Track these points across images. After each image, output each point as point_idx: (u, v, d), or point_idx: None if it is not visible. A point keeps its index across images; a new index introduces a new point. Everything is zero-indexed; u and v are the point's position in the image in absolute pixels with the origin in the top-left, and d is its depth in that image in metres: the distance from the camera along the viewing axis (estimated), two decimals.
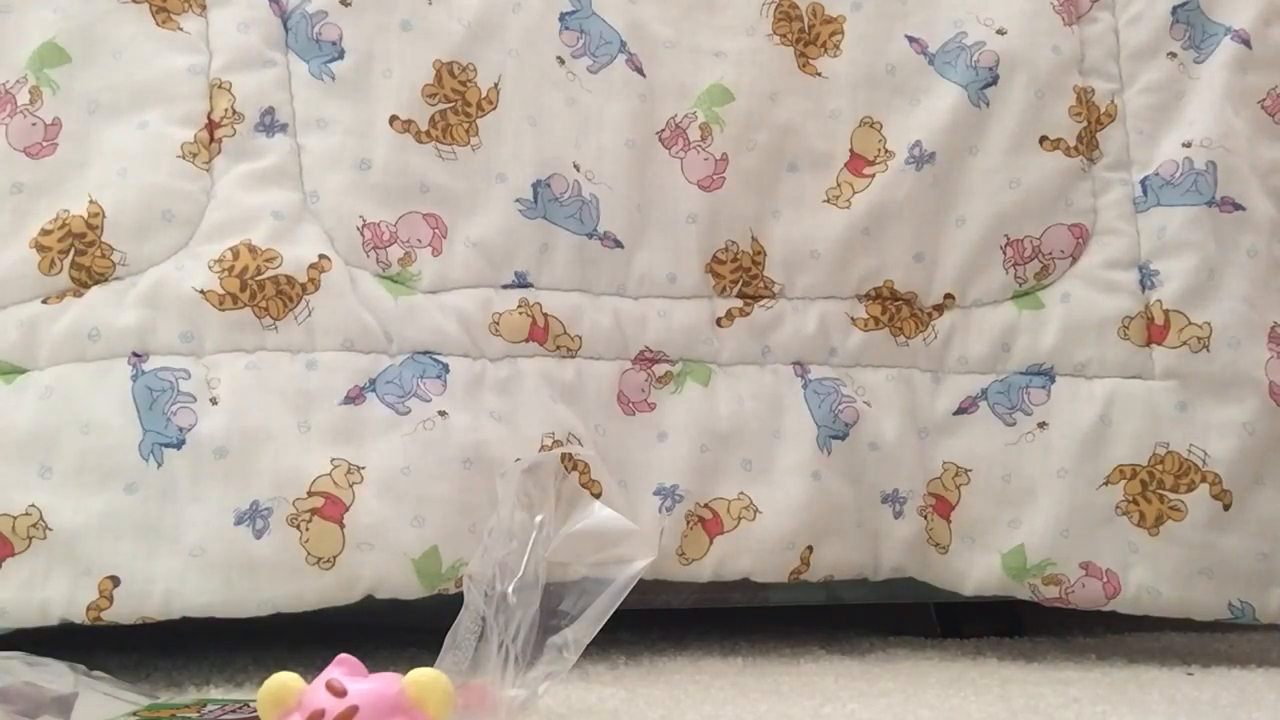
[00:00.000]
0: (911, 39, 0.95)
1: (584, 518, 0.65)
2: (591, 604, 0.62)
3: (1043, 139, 0.93)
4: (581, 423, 0.85)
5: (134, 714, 0.62)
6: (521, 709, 0.60)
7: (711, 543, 0.87)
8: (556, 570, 0.63)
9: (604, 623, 0.62)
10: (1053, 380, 0.91)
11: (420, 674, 0.54)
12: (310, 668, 0.57)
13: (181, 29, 0.84)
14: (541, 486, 0.65)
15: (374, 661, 0.57)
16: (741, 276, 0.91)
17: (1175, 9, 0.95)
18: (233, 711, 0.62)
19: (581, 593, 0.63)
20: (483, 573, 0.62)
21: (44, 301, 0.79)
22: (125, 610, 0.75)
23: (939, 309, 0.93)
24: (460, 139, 0.87)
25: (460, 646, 0.61)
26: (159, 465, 0.76)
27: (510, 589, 0.61)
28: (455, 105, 0.87)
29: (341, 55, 0.86)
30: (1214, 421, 0.88)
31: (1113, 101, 0.95)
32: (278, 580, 0.76)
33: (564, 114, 0.89)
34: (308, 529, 0.76)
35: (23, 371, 0.79)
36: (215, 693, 0.74)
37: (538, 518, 0.64)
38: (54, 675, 0.62)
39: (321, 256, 0.82)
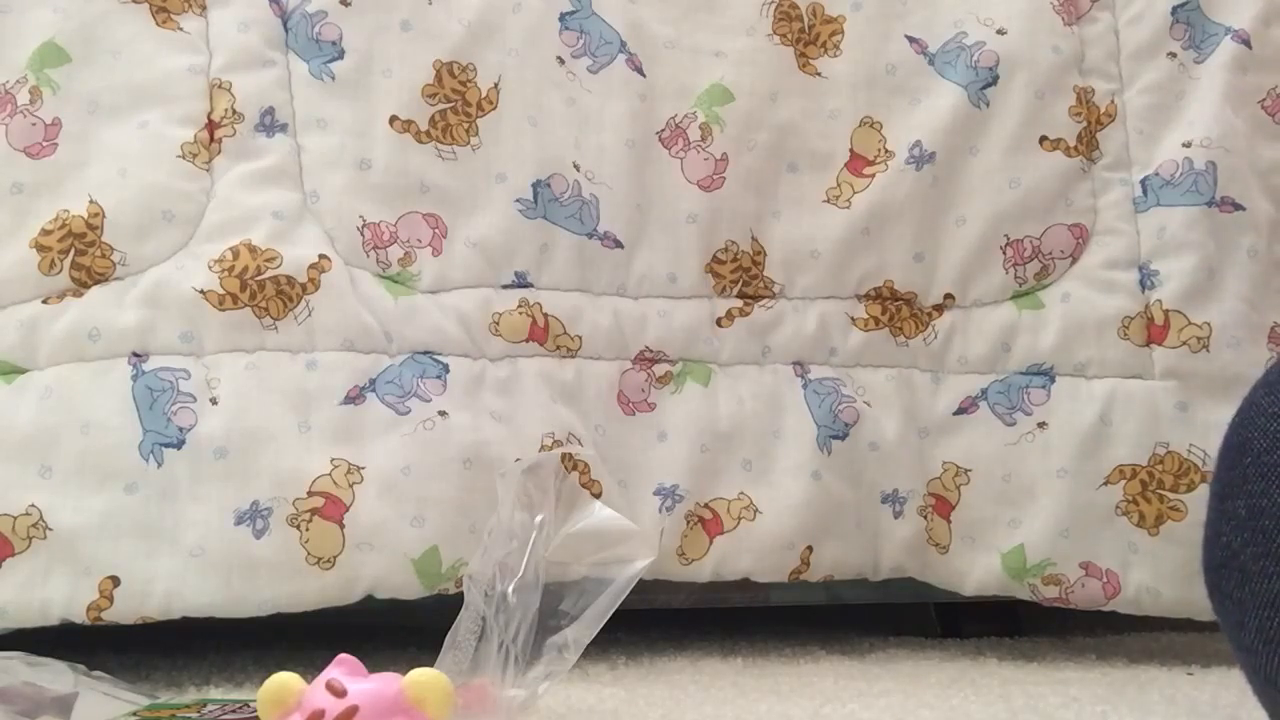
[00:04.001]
0: (911, 39, 0.95)
1: (584, 518, 0.65)
2: (591, 604, 0.62)
3: (1043, 139, 0.93)
4: (581, 423, 0.85)
5: (134, 714, 0.62)
6: (521, 709, 0.60)
7: (711, 543, 0.87)
8: (556, 570, 0.63)
9: (604, 623, 0.62)
10: (1053, 380, 0.91)
11: (420, 674, 0.54)
12: (310, 668, 0.57)
13: (181, 29, 0.84)
14: (541, 486, 0.65)
15: (374, 661, 0.57)
16: (741, 276, 0.91)
17: (1175, 9, 0.95)
18: (233, 711, 0.62)
19: (581, 593, 0.62)
20: (483, 573, 0.62)
21: (44, 301, 0.79)
22: (125, 610, 0.75)
23: (939, 309, 0.93)
24: (460, 139, 0.87)
25: (460, 646, 0.61)
26: (159, 465, 0.76)
27: (510, 589, 0.61)
28: (455, 105, 0.87)
29: (341, 55, 0.86)
30: (1214, 421, 0.88)
31: (1113, 101, 0.94)
32: (278, 580, 0.76)
33: (564, 114, 0.89)
34: (308, 529, 0.76)
35: (23, 371, 0.79)
36: (215, 693, 0.74)
37: (538, 518, 0.64)
38: (54, 675, 0.62)
39: (321, 256, 0.82)
